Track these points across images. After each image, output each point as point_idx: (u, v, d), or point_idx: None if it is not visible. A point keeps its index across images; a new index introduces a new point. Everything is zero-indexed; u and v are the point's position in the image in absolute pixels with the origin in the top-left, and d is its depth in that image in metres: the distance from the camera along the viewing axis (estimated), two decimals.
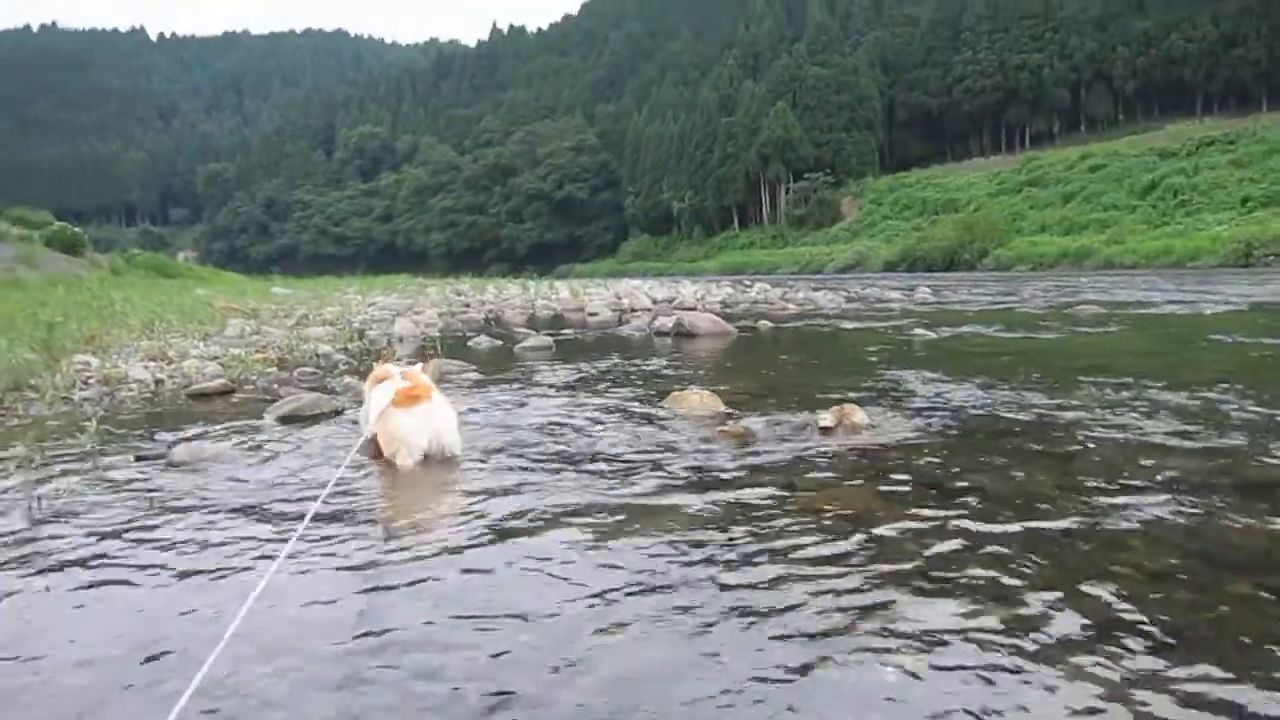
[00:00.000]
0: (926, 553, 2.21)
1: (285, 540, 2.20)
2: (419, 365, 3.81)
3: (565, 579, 2.07)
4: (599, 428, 4.02)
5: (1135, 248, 40.69)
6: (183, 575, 2.15)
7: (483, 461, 3.40)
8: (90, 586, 2.09)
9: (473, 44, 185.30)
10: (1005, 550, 2.21)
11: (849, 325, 10.68)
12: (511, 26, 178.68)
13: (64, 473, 3.19)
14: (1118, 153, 63.64)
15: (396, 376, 3.45)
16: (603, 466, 3.25)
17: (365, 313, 13.55)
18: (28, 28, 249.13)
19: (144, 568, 2.21)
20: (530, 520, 2.57)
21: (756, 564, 2.15)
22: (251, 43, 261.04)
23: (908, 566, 2.11)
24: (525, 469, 3.24)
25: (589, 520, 2.55)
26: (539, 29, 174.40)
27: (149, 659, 1.68)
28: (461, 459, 3.40)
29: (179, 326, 8.68)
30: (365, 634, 1.77)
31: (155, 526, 2.57)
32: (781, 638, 1.73)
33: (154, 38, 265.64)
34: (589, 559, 2.22)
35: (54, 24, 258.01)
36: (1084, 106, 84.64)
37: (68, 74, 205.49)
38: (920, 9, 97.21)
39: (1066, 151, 71.45)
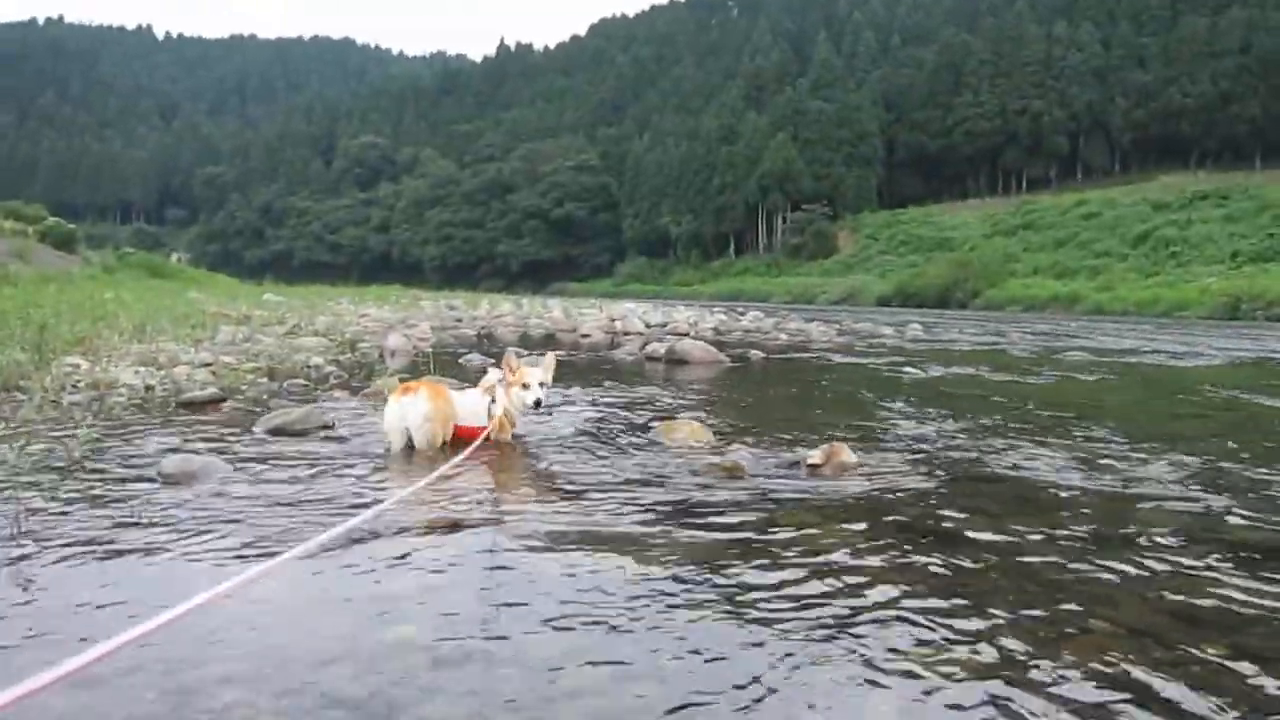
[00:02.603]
0: (908, 601, 2.22)
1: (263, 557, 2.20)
2: (543, 362, 4.26)
3: (545, 610, 2.09)
4: (588, 455, 4.04)
5: (1125, 295, 41.03)
6: (157, 586, 2.16)
7: (471, 485, 3.41)
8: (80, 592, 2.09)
9: (479, 60, 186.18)
10: (985, 601, 2.23)
11: (840, 359, 10.72)
12: (519, 44, 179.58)
13: (51, 484, 3.14)
14: (1112, 201, 64.31)
15: (496, 375, 4.27)
16: (589, 495, 3.26)
17: (358, 324, 13.53)
18: (34, 21, 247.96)
19: (115, 583, 2.21)
20: (509, 547, 2.58)
21: (738, 605, 2.17)
22: (258, 47, 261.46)
23: (888, 614, 2.13)
24: (511, 493, 3.26)
25: (569, 549, 2.57)
26: (546, 48, 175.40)
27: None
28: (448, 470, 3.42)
29: (171, 330, 8.65)
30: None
31: (138, 540, 2.57)
32: (750, 678, 1.74)
33: (160, 37, 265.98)
34: (566, 589, 2.23)
35: (60, 18, 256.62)
36: (1081, 154, 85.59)
37: (72, 69, 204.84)
38: (925, 51, 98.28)
39: (1062, 197, 72.26)
